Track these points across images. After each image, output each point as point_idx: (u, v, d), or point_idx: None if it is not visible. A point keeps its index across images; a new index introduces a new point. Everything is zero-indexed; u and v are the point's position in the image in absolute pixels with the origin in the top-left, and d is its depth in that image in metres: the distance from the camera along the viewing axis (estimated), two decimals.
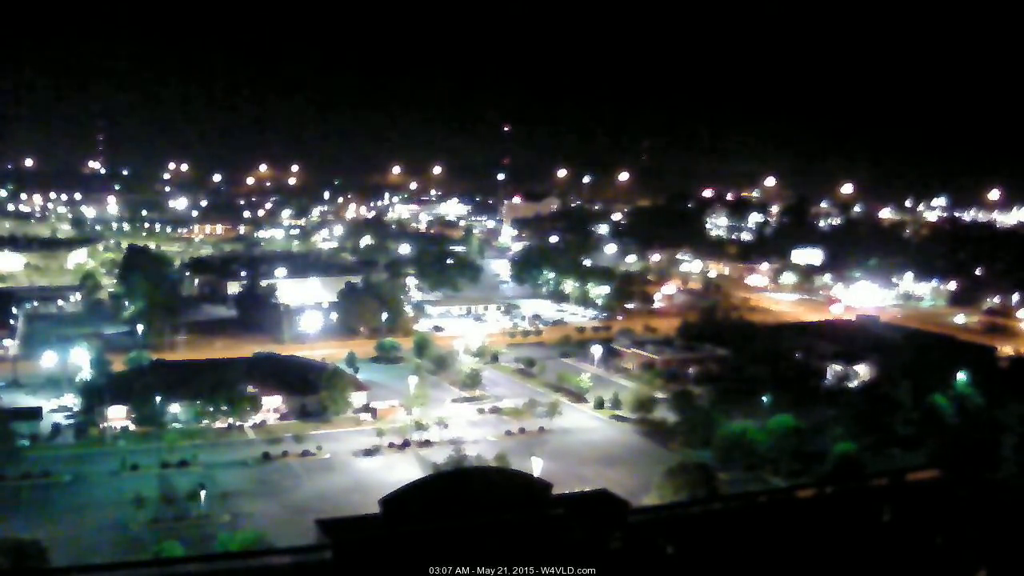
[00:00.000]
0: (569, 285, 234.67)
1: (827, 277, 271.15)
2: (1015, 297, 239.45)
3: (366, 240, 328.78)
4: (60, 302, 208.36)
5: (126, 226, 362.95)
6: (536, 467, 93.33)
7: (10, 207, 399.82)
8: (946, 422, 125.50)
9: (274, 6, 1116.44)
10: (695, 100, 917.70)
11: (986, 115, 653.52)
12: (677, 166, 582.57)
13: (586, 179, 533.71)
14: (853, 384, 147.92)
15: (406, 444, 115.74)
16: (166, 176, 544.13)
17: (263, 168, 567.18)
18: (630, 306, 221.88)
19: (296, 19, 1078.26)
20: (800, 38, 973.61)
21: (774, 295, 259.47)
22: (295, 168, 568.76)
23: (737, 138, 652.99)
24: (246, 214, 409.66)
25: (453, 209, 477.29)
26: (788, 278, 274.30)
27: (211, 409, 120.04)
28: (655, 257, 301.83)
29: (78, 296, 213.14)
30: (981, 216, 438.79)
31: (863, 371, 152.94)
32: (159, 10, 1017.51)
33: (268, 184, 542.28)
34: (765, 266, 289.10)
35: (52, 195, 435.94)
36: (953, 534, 78.95)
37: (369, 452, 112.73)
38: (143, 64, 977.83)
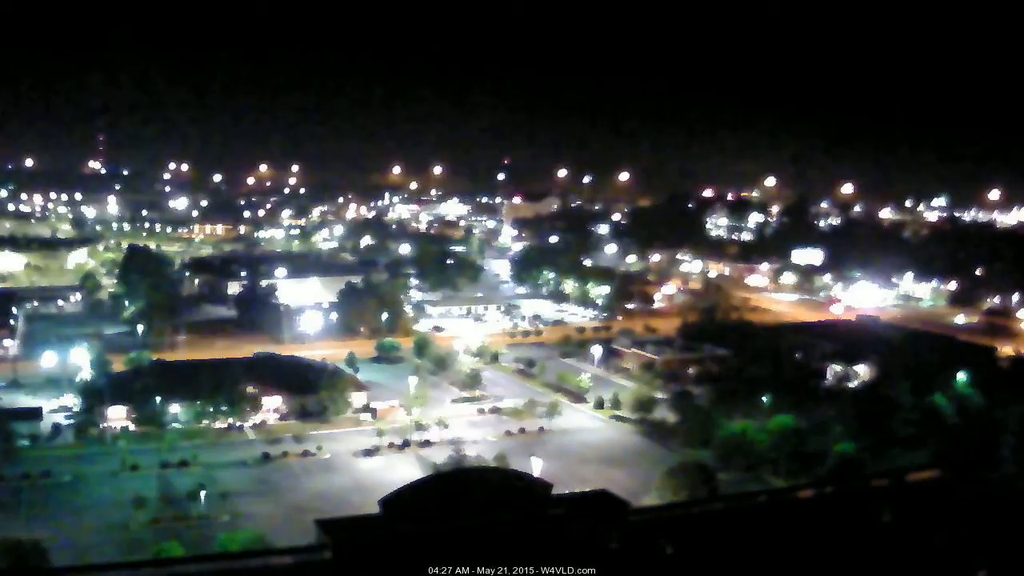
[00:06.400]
0: (569, 285, 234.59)
1: (827, 277, 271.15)
2: (1015, 297, 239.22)
3: (366, 240, 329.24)
4: (60, 302, 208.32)
5: (126, 226, 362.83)
6: (536, 467, 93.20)
7: (10, 207, 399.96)
8: (946, 422, 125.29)
9: (275, 6, 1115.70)
10: (695, 100, 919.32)
11: (986, 115, 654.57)
12: (677, 166, 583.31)
13: (586, 179, 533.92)
14: (853, 384, 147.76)
15: (406, 444, 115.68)
16: (166, 176, 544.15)
17: (263, 168, 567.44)
18: (630, 306, 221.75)
19: (296, 19, 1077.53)
20: (801, 38, 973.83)
21: (774, 295, 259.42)
22: (295, 168, 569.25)
23: (737, 138, 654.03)
24: (246, 214, 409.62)
25: (453, 209, 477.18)
26: (788, 278, 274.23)
27: (211, 409, 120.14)
28: (655, 257, 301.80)
29: (78, 296, 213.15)
30: (981, 216, 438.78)
31: (863, 371, 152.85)
32: (160, 10, 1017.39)
33: (268, 184, 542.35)
34: (765, 266, 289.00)
35: (52, 195, 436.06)
36: (953, 534, 78.80)
37: (369, 452, 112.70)
38: (143, 64, 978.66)
